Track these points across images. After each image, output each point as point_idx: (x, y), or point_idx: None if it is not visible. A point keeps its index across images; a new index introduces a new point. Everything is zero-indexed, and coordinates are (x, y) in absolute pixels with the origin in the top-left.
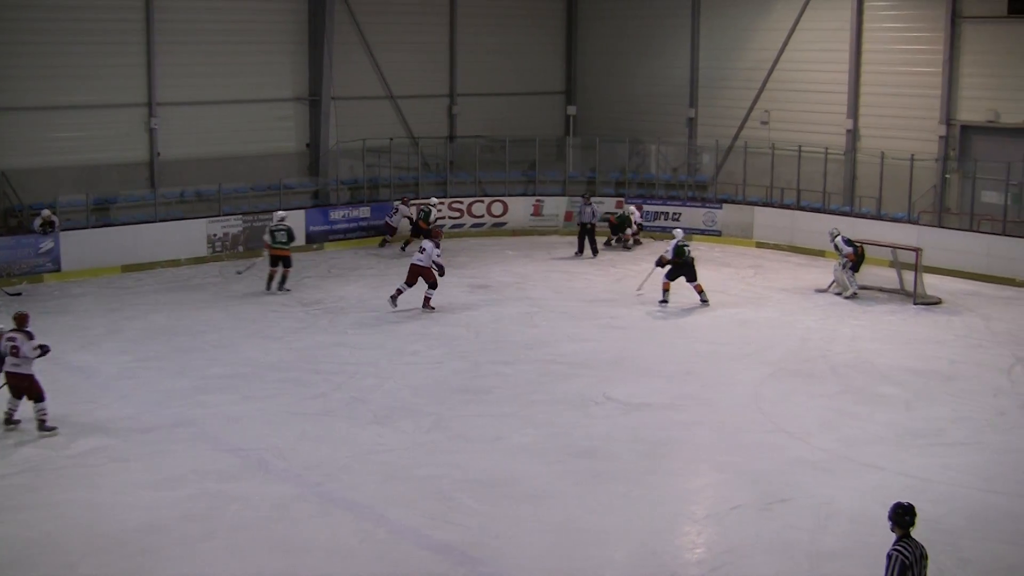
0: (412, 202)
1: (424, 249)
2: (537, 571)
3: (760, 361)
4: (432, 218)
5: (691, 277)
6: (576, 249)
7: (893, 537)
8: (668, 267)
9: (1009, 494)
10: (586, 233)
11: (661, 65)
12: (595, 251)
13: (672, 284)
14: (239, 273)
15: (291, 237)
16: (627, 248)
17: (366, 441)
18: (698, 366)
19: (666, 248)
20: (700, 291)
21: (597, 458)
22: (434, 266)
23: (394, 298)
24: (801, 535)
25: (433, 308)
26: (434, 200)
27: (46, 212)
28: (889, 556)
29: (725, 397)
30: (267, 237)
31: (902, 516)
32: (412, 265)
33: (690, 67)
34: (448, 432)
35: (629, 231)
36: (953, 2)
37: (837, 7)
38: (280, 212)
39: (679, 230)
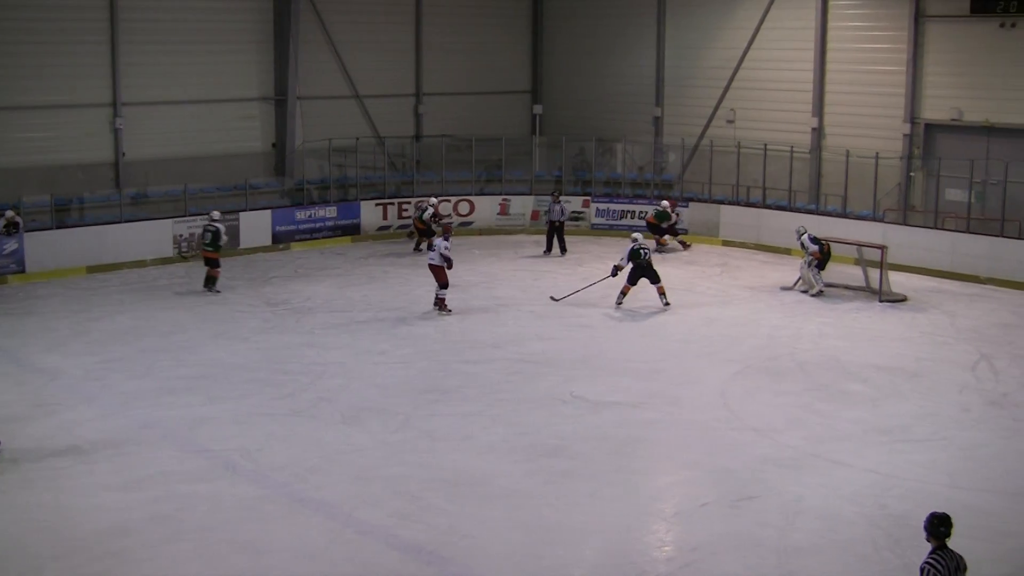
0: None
1: (434, 247)
2: (506, 570)
3: (727, 359)
4: (427, 216)
5: (654, 279)
6: (544, 248)
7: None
8: (629, 271)
9: (974, 490)
10: (555, 231)
11: (627, 64)
12: (563, 249)
13: (633, 288)
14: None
15: (216, 238)
16: (661, 251)
17: (334, 441)
18: (665, 364)
19: (621, 256)
20: (662, 293)
21: (565, 457)
22: (443, 259)
23: (437, 306)
24: (769, 532)
25: (449, 311)
26: (433, 200)
27: (10, 213)
28: (921, 569)
29: (692, 395)
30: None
31: (937, 527)
32: (428, 266)
33: (656, 66)
34: (416, 432)
35: (666, 236)
36: (917, 1)
37: (802, 6)
38: (215, 212)
39: (637, 233)
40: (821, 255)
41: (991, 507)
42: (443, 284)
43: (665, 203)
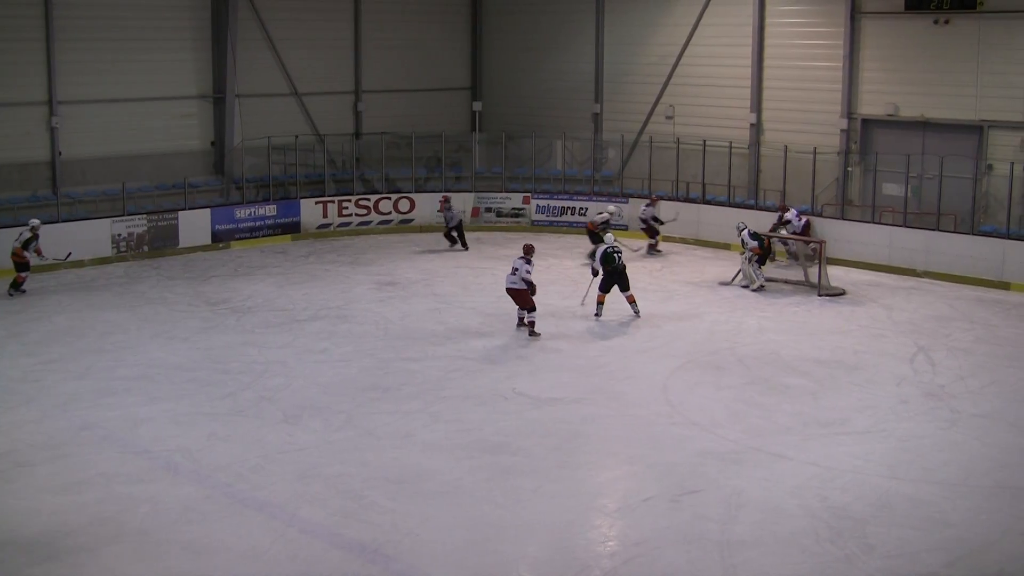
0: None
1: (516, 269)
2: (450, 567)
3: (668, 354)
4: (598, 221)
5: (624, 286)
6: (449, 245)
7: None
8: (601, 278)
9: (912, 480)
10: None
11: (566, 60)
12: (464, 244)
13: (608, 296)
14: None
15: (25, 245)
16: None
17: (276, 440)
18: (606, 359)
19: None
20: (632, 301)
21: (507, 453)
22: (524, 283)
23: (522, 326)
24: (711, 526)
25: (538, 334)
26: (611, 207)
27: None
28: None
29: (634, 390)
30: None
31: None
32: (507, 289)
33: (595, 62)
34: (358, 430)
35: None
36: None
37: (739, 3)
38: (34, 220)
39: (609, 235)
40: (761, 251)
41: (930, 497)
42: (530, 308)
43: (793, 215)
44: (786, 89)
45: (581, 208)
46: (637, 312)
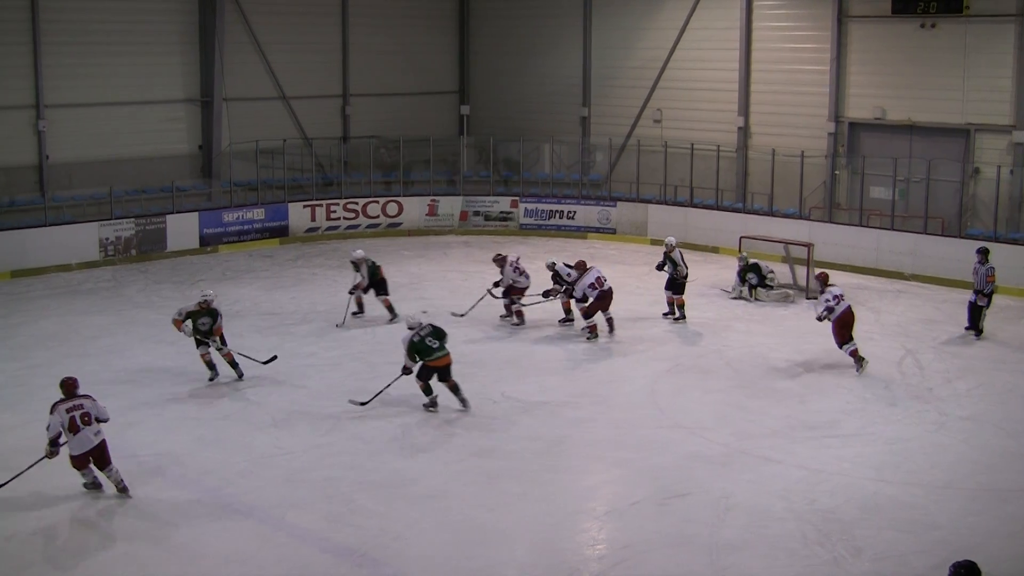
0: None
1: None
2: (438, 571)
3: (655, 357)
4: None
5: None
6: None
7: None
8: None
9: (900, 483)
10: None
11: (554, 64)
12: None
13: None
14: None
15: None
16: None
17: (264, 445)
18: (593, 363)
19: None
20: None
21: (495, 457)
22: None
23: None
24: (700, 529)
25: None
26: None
27: None
28: None
29: (621, 393)
30: None
31: None
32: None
33: (582, 66)
34: (346, 434)
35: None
36: (839, 1)
37: (727, 6)
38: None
39: (421, 316)
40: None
41: (917, 500)
42: None
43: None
44: (773, 92)
45: (569, 212)
46: (464, 405)
